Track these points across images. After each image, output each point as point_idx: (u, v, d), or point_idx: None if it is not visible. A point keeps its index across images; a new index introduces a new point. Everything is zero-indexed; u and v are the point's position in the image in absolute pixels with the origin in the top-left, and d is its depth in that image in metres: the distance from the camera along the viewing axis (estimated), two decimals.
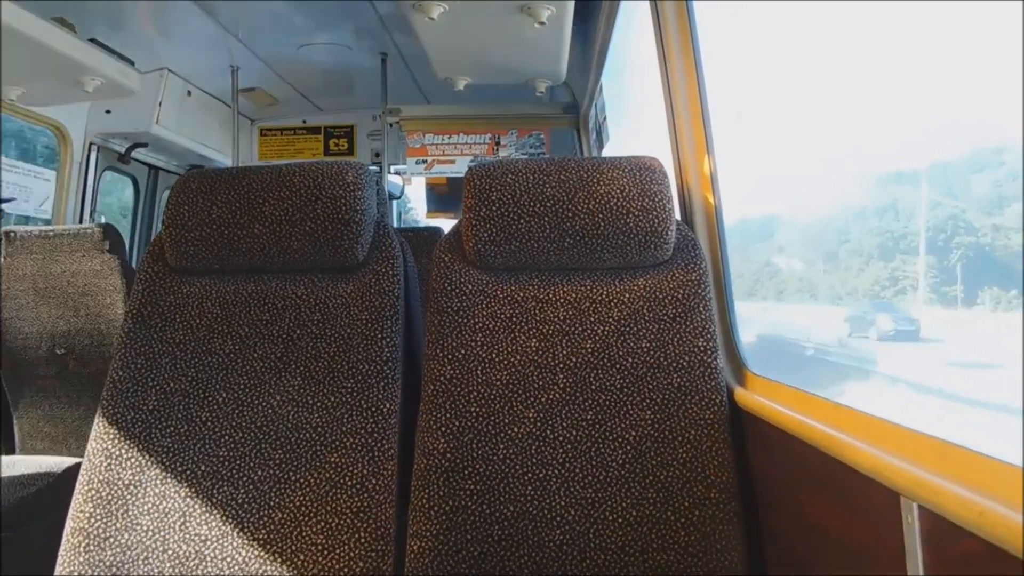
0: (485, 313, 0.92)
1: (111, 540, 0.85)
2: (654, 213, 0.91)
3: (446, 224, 3.17)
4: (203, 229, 0.94)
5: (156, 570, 0.84)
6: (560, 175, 0.93)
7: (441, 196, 3.27)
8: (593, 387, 0.89)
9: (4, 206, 1.95)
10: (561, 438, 0.87)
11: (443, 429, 0.87)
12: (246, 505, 0.86)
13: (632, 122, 2.12)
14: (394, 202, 3.32)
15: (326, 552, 0.83)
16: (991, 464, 0.45)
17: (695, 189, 1.06)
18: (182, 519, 0.85)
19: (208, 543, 0.84)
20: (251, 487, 0.87)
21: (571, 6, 1.44)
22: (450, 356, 0.90)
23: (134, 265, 2.66)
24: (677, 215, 0.97)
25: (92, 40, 1.72)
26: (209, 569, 0.83)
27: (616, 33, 1.78)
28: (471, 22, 1.51)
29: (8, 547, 1.14)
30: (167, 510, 0.86)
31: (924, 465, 0.49)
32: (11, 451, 1.67)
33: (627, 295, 0.92)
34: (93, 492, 0.87)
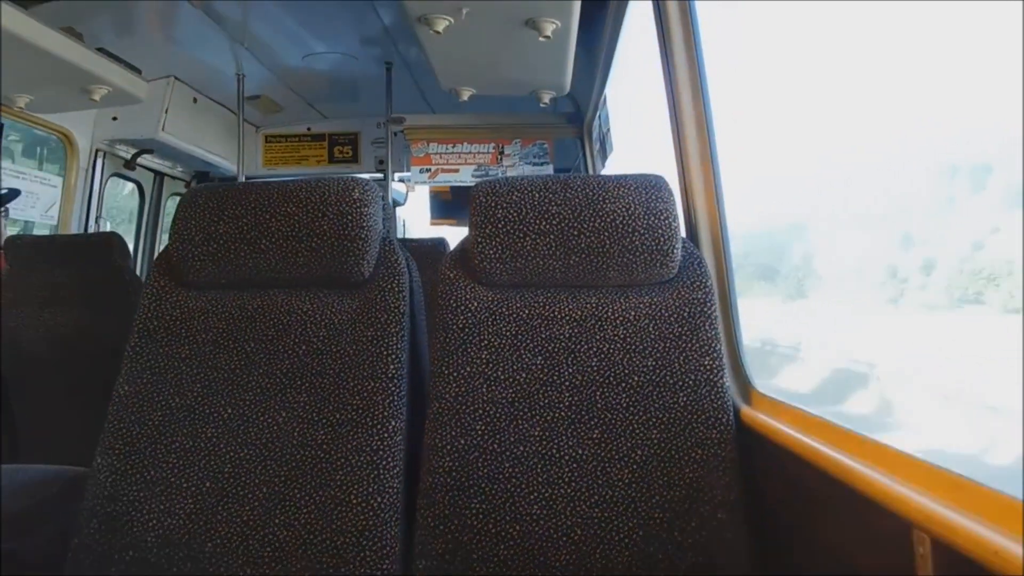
0: (490, 331, 0.92)
1: (116, 557, 0.85)
2: (659, 231, 0.91)
3: (449, 231, 3.18)
4: (210, 244, 0.94)
5: None
6: (566, 193, 0.93)
7: (445, 203, 3.27)
8: (599, 405, 0.88)
9: (9, 206, 1.95)
10: (567, 456, 0.87)
11: (448, 447, 0.87)
12: (251, 522, 0.85)
13: (636, 133, 2.12)
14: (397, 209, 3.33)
15: (331, 571, 0.82)
16: (1003, 500, 0.45)
17: (700, 206, 1.06)
18: (187, 537, 0.85)
19: (213, 560, 0.84)
20: (256, 504, 0.86)
21: (576, 19, 1.44)
22: (455, 374, 0.90)
23: (138, 271, 2.67)
24: (682, 232, 0.97)
25: (100, 49, 1.73)
26: None
27: (620, 44, 1.78)
28: (476, 36, 1.51)
29: (12, 557, 1.13)
30: (172, 527, 0.86)
31: (936, 497, 0.48)
32: (15, 460, 1.67)
33: (632, 313, 0.92)
34: (99, 508, 0.87)
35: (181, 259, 0.96)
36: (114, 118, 2.27)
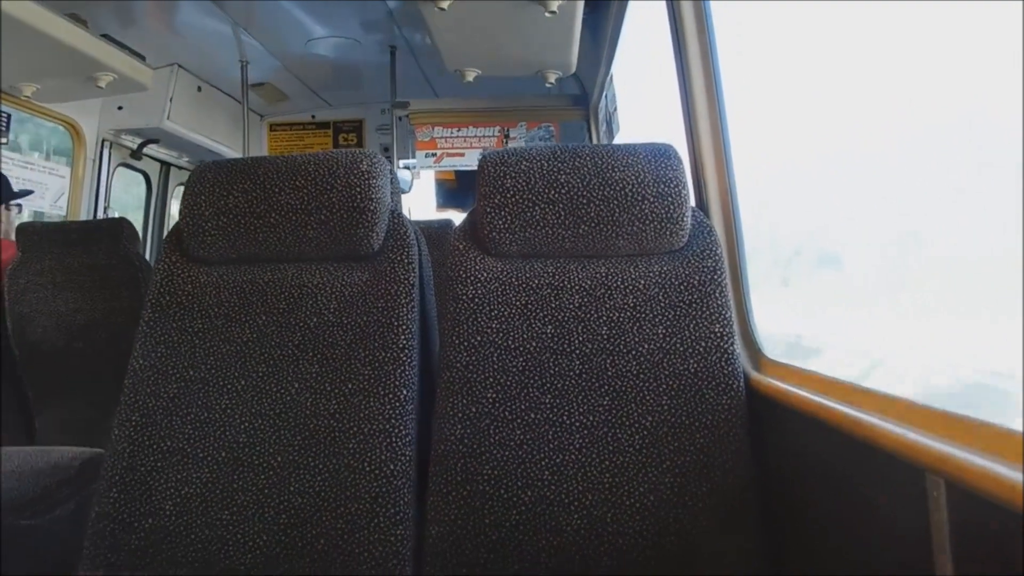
0: (500, 300, 0.92)
1: (135, 525, 0.86)
2: (669, 199, 0.91)
3: (456, 218, 3.17)
4: (219, 219, 0.95)
5: (179, 554, 0.85)
6: (575, 162, 0.93)
7: (451, 191, 3.27)
8: (609, 373, 0.89)
9: (20, 200, 1.97)
10: (577, 423, 0.87)
11: (460, 415, 0.88)
12: (266, 491, 0.87)
13: (643, 107, 2.09)
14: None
15: (345, 536, 0.84)
16: (1017, 439, 0.44)
17: (710, 176, 1.05)
18: (203, 505, 0.87)
19: (230, 528, 0.86)
20: (271, 473, 0.87)
21: None
22: (466, 343, 0.90)
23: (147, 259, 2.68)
24: (692, 202, 0.96)
25: (104, 36, 1.74)
26: (231, 553, 0.85)
27: (627, 22, 1.77)
28: (481, 13, 1.50)
29: (33, 534, 1.16)
30: (189, 496, 0.87)
31: (948, 440, 0.48)
32: (30, 442, 1.70)
33: (642, 281, 0.92)
34: (117, 478, 0.88)
35: (192, 234, 0.96)
36: (120, 108, 2.27)
